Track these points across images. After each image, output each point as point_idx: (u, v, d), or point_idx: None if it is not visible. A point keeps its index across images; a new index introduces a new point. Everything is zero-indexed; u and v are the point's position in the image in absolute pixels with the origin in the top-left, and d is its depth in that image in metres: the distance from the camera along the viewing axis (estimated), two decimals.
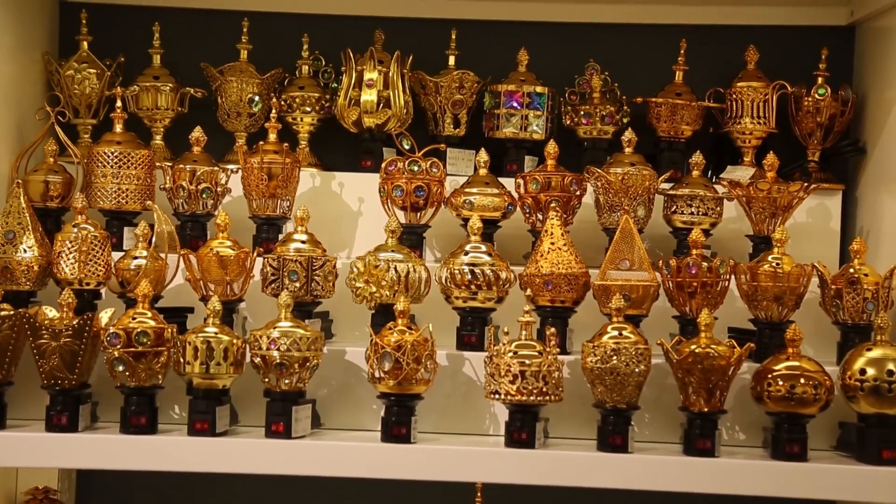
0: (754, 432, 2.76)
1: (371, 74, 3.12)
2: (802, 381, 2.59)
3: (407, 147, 2.99)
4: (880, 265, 2.85)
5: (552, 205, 2.87)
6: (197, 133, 3.00)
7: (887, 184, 3.03)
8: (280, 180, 2.95)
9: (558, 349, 2.64)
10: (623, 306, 2.67)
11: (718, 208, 2.98)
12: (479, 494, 3.02)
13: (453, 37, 3.24)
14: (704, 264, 2.76)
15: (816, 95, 3.13)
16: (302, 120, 3.23)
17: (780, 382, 2.60)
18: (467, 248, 2.81)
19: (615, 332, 2.63)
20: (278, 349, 2.61)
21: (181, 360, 2.62)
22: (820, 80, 3.15)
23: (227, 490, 3.29)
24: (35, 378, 2.66)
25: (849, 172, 3.24)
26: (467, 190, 2.97)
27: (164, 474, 2.69)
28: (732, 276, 2.79)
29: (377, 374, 2.63)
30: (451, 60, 3.23)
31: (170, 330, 2.65)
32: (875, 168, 3.12)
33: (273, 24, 3.32)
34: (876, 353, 2.61)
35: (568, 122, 3.20)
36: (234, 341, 2.63)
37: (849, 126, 3.20)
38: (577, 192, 2.94)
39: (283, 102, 3.20)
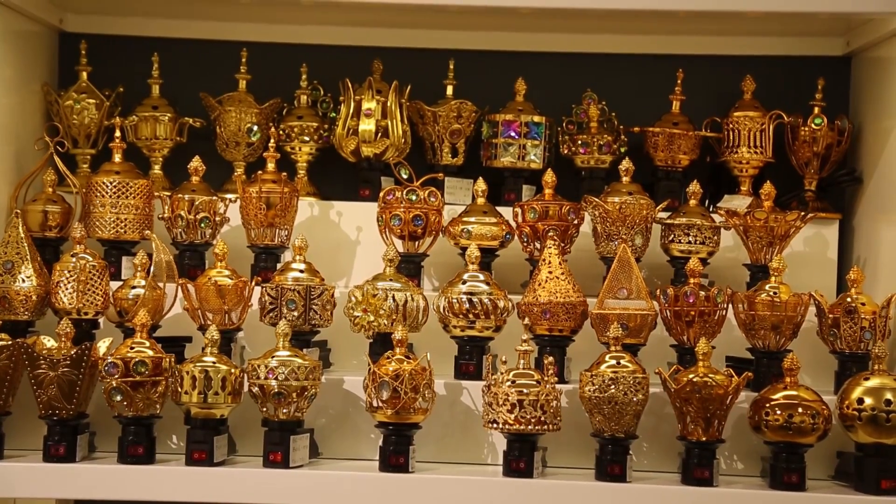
0: (752, 462, 2.76)
1: (369, 104, 3.12)
2: (800, 410, 2.59)
3: (405, 176, 2.99)
4: (877, 294, 2.85)
5: (550, 234, 2.88)
6: (195, 163, 3.01)
7: (884, 213, 3.03)
8: (278, 209, 2.95)
9: (556, 378, 2.64)
10: (621, 335, 2.67)
11: (716, 237, 2.98)
12: None
13: (451, 67, 3.24)
14: (702, 293, 2.76)
15: (813, 125, 3.14)
16: (300, 149, 3.23)
17: (778, 412, 2.60)
18: (465, 276, 2.82)
19: (613, 361, 2.63)
20: (276, 378, 2.61)
21: (179, 389, 2.62)
22: (816, 109, 3.16)
23: None
24: (33, 408, 2.65)
25: (846, 202, 3.24)
26: (465, 219, 2.98)
27: None
28: (730, 305, 2.80)
29: (375, 404, 2.63)
30: (449, 90, 3.24)
31: (168, 359, 2.65)
32: (872, 197, 3.12)
33: (271, 55, 3.33)
34: (874, 382, 2.62)
35: (565, 152, 3.21)
36: (232, 370, 2.63)
37: (845, 155, 3.20)
38: (575, 221, 2.95)
39: (281, 132, 3.20)
